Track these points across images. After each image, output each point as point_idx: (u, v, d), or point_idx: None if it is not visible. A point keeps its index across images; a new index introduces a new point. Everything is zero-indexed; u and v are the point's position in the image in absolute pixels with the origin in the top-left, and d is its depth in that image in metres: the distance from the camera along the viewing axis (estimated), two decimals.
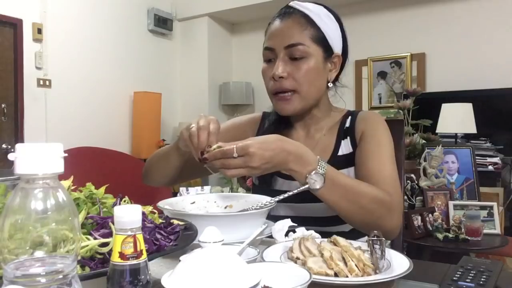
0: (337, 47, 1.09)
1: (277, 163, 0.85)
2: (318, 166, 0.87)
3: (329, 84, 1.10)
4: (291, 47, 1.03)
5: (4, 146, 3.56)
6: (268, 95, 1.10)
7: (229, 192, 3.85)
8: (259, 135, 1.14)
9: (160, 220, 0.70)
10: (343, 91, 1.17)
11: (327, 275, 0.65)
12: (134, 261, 0.44)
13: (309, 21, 1.04)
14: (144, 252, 0.45)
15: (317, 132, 1.13)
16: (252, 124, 1.22)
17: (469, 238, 2.15)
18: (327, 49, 1.06)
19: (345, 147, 1.09)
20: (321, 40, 1.05)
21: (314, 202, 1.02)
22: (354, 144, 1.08)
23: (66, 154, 0.41)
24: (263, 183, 1.13)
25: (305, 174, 0.87)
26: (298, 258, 0.70)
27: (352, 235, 1.00)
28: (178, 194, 3.28)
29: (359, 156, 1.05)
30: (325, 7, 1.09)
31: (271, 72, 1.04)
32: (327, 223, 1.02)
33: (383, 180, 0.97)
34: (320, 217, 1.02)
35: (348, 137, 1.10)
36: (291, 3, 1.09)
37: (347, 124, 1.12)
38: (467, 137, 3.31)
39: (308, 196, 1.01)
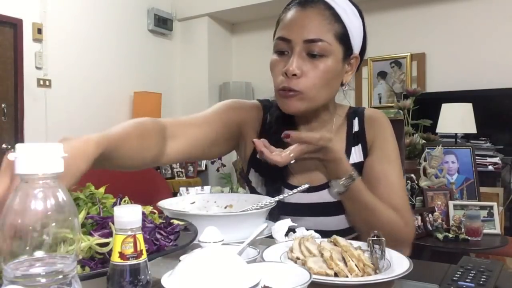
0: (357, 47, 0.99)
1: (318, 154, 0.89)
2: (348, 176, 0.90)
3: (343, 87, 1.01)
4: (311, 42, 0.91)
5: (4, 146, 3.56)
6: (274, 90, 0.99)
7: (229, 192, 3.84)
8: (263, 130, 1.06)
9: (160, 220, 0.70)
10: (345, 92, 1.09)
11: (327, 275, 0.65)
12: (134, 261, 0.44)
13: (334, 15, 0.93)
14: (144, 252, 0.45)
15: None
16: (254, 112, 1.09)
17: (469, 238, 2.15)
18: (348, 49, 0.96)
19: (357, 155, 1.02)
20: (344, 38, 0.94)
21: (322, 216, 1.00)
22: (365, 152, 1.02)
23: (66, 154, 0.41)
24: (272, 192, 1.02)
25: (333, 177, 0.92)
26: (298, 258, 0.70)
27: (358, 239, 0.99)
28: (178, 194, 3.27)
29: (368, 171, 0.99)
30: (350, 0, 0.98)
31: (283, 66, 0.93)
32: (342, 235, 0.99)
33: (395, 207, 0.95)
34: (328, 231, 0.98)
35: (360, 144, 1.02)
36: None
37: (356, 128, 1.04)
38: (467, 137, 3.31)
39: (316, 210, 0.99)
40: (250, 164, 1.10)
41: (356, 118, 1.05)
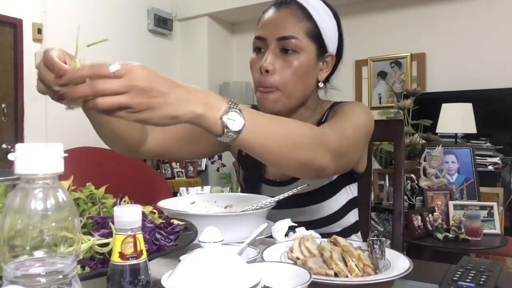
0: (331, 46, 1.03)
1: (173, 100, 0.61)
2: (231, 104, 0.67)
3: (319, 84, 1.05)
4: (283, 39, 0.97)
5: (4, 146, 3.56)
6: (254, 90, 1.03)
7: (229, 192, 3.84)
8: None
9: (160, 220, 0.70)
10: (338, 92, 1.11)
11: (327, 275, 0.65)
12: (134, 261, 0.44)
13: (306, 15, 0.99)
14: (144, 252, 0.45)
15: None
16: None
17: (469, 238, 2.15)
18: (321, 47, 1.01)
19: None
20: (316, 36, 0.99)
21: (299, 207, 1.01)
22: None
23: (66, 154, 0.41)
24: (250, 189, 1.08)
25: (218, 117, 0.65)
26: (298, 258, 0.70)
27: (342, 236, 0.98)
28: (178, 194, 3.28)
29: None
30: (324, 2, 1.04)
31: (259, 63, 0.98)
32: (317, 226, 0.99)
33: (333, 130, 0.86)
34: (307, 221, 1.00)
35: None
36: None
37: (323, 119, 1.05)
38: (467, 137, 3.30)
39: (295, 201, 0.98)
40: (238, 161, 1.16)
41: (328, 111, 1.06)
